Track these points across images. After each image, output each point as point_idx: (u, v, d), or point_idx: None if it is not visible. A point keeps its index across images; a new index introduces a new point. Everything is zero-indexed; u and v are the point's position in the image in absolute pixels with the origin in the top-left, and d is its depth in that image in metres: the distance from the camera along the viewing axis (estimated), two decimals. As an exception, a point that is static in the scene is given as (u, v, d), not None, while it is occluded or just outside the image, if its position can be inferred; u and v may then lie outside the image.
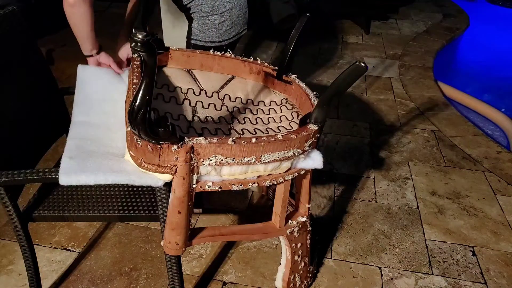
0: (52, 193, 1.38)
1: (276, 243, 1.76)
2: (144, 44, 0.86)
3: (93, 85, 1.47)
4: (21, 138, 1.34)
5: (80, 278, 1.60)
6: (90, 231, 1.79)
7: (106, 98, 1.44)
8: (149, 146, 1.00)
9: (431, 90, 3.07)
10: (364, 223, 1.89)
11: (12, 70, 1.32)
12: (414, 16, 4.59)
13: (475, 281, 1.64)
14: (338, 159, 2.30)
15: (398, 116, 2.72)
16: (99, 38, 1.44)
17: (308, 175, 1.30)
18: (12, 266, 1.63)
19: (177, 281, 1.34)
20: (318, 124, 1.14)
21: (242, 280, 1.61)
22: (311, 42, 3.85)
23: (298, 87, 1.38)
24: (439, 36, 4.05)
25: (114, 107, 1.42)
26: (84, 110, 1.41)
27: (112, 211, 1.33)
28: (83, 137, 1.29)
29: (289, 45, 1.37)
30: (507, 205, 2.01)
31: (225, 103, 1.38)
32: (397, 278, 1.64)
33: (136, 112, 0.92)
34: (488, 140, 2.48)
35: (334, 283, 1.61)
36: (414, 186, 2.12)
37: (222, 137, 1.03)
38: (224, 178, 1.10)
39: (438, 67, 3.50)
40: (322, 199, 2.02)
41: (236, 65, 1.47)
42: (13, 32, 1.33)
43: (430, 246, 1.78)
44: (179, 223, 1.12)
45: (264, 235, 1.34)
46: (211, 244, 1.75)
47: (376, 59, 3.57)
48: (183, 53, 1.42)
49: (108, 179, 1.09)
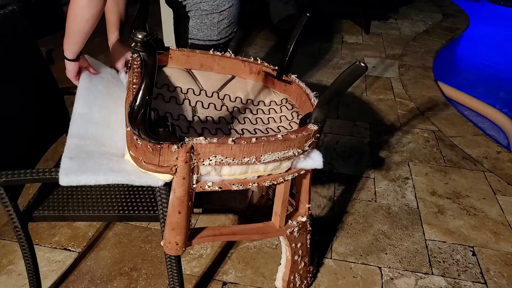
0: (52, 193, 1.38)
1: (276, 243, 1.76)
2: (144, 44, 0.86)
3: (96, 80, 1.46)
4: (21, 138, 1.34)
5: (80, 278, 1.60)
6: (90, 231, 1.79)
7: (109, 92, 1.43)
8: (149, 146, 1.00)
9: (431, 90, 3.07)
10: (364, 223, 1.89)
11: (12, 70, 1.32)
12: (414, 16, 4.60)
13: (475, 281, 1.64)
14: (338, 159, 2.30)
15: (398, 116, 2.72)
16: (98, 38, 1.44)
17: (308, 175, 1.30)
18: (12, 266, 1.63)
19: (177, 281, 1.34)
20: (318, 124, 1.14)
21: (242, 280, 1.61)
22: (311, 42, 3.85)
23: (298, 87, 1.38)
24: (439, 36, 4.05)
25: (116, 104, 1.42)
26: (85, 103, 1.41)
27: (112, 211, 1.32)
28: (83, 136, 1.29)
29: (289, 45, 1.37)
30: (507, 205, 2.01)
31: (225, 103, 1.38)
32: (397, 278, 1.64)
33: (136, 112, 0.92)
34: (488, 140, 2.48)
35: (334, 283, 1.61)
36: (414, 186, 2.12)
37: (222, 137, 1.03)
38: (224, 178, 1.10)
39: (438, 67, 3.50)
40: (322, 199, 2.02)
41: (236, 65, 1.47)
42: (13, 32, 1.33)
43: (430, 246, 1.78)
44: (179, 223, 1.12)
45: (264, 235, 1.34)
46: (211, 244, 1.75)
47: (376, 59, 3.57)
48: (183, 53, 1.42)
49: (108, 179, 1.09)
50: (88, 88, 1.44)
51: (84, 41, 1.33)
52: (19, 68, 1.35)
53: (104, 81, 1.46)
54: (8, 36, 1.31)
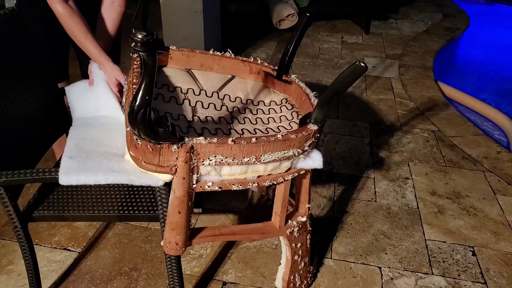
0: (52, 193, 1.38)
1: (276, 243, 1.76)
2: (144, 44, 0.87)
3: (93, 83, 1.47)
4: (21, 138, 1.33)
5: (80, 278, 1.60)
6: (90, 231, 1.79)
7: (107, 93, 1.44)
8: (149, 146, 1.00)
9: (431, 90, 3.07)
10: (364, 223, 1.89)
11: (12, 70, 1.32)
12: (414, 16, 4.60)
13: (475, 281, 1.64)
14: (338, 159, 2.30)
15: (398, 116, 2.72)
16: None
17: (308, 175, 1.30)
18: (12, 266, 1.63)
19: (177, 281, 1.34)
20: (318, 124, 1.14)
21: (242, 280, 1.61)
22: (311, 42, 3.85)
23: (298, 87, 1.38)
24: (439, 36, 4.05)
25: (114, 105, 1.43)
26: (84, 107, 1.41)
27: (112, 211, 1.32)
28: (83, 137, 1.30)
29: (289, 45, 1.37)
30: (507, 205, 2.01)
31: (225, 103, 1.38)
32: (397, 278, 1.64)
33: (136, 112, 0.93)
34: (488, 140, 2.48)
35: (334, 283, 1.61)
36: (414, 186, 2.12)
37: (222, 137, 1.03)
38: (224, 178, 1.10)
39: (438, 67, 3.50)
40: (322, 199, 2.02)
41: (236, 65, 1.47)
42: (13, 32, 1.33)
43: (430, 246, 1.78)
44: (179, 223, 1.12)
45: (264, 235, 1.34)
46: (211, 244, 1.75)
47: (376, 59, 3.57)
48: (183, 53, 1.42)
49: (108, 179, 1.09)
50: (82, 92, 1.45)
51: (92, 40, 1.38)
52: (19, 68, 1.35)
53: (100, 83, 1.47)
54: (8, 36, 1.31)
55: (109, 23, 1.53)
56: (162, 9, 3.07)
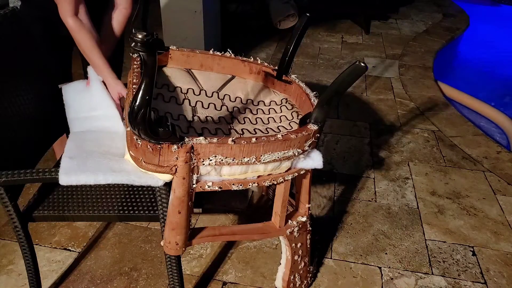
0: (52, 193, 1.38)
1: (276, 243, 1.76)
2: (144, 44, 0.87)
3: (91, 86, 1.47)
4: (21, 138, 1.34)
5: (80, 278, 1.60)
6: (90, 231, 1.79)
7: (103, 92, 1.44)
8: (149, 146, 1.00)
9: (431, 90, 3.07)
10: (364, 223, 1.89)
11: (12, 70, 1.32)
12: (414, 16, 4.60)
13: (475, 281, 1.64)
14: (338, 159, 2.30)
15: (398, 116, 2.72)
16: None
17: (308, 175, 1.30)
18: (12, 266, 1.64)
19: (177, 281, 1.34)
20: (318, 124, 1.14)
21: (242, 280, 1.61)
22: (311, 42, 3.85)
23: (298, 87, 1.38)
24: (439, 36, 4.05)
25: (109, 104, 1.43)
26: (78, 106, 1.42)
27: (112, 211, 1.32)
28: (83, 137, 1.30)
29: (289, 45, 1.37)
30: (507, 205, 2.01)
31: (225, 103, 1.38)
32: (397, 278, 1.64)
33: (136, 112, 0.93)
34: (488, 140, 2.48)
35: (334, 283, 1.61)
36: (414, 186, 2.12)
37: (222, 137, 1.03)
38: (224, 178, 1.10)
39: (438, 67, 3.50)
40: (322, 199, 2.02)
41: (236, 65, 1.47)
42: (13, 32, 1.33)
43: (430, 246, 1.78)
44: (179, 223, 1.12)
45: (264, 235, 1.34)
46: (211, 244, 1.75)
47: (376, 59, 3.57)
48: (183, 53, 1.42)
49: (108, 179, 1.09)
50: (81, 94, 1.45)
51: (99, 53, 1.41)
52: (19, 68, 1.35)
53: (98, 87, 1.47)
54: (8, 36, 1.31)
55: (115, 24, 1.55)
56: (162, 9, 3.07)
